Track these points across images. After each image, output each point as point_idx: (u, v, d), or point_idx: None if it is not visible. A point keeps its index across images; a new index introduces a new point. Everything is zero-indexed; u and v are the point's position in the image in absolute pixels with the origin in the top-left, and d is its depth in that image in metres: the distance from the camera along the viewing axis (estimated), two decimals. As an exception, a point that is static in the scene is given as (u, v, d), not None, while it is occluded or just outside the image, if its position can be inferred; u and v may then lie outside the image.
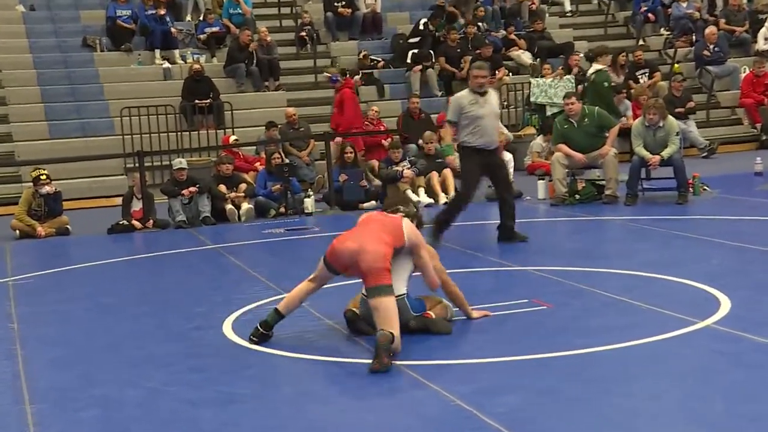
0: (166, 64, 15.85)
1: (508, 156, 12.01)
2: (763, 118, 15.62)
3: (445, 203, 11.59)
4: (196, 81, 14.94)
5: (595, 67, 12.06)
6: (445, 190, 11.79)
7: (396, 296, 5.27)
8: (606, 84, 11.98)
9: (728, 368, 4.54)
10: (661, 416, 3.93)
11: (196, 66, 15.20)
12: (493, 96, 8.55)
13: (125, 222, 10.82)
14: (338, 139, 13.12)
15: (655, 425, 3.83)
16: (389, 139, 13.54)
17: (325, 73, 15.42)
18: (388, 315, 5.01)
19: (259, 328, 5.49)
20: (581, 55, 15.88)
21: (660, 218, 9.39)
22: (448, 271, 5.78)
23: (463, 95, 8.59)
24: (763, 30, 17.54)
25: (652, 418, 3.91)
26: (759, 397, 4.07)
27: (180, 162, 11.53)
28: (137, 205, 11.03)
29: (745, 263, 7.03)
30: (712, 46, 16.76)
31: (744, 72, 16.54)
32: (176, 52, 16.21)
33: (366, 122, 14.37)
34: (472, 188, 8.51)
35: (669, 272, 6.68)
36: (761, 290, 6.09)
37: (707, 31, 16.91)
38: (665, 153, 10.34)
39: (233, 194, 11.46)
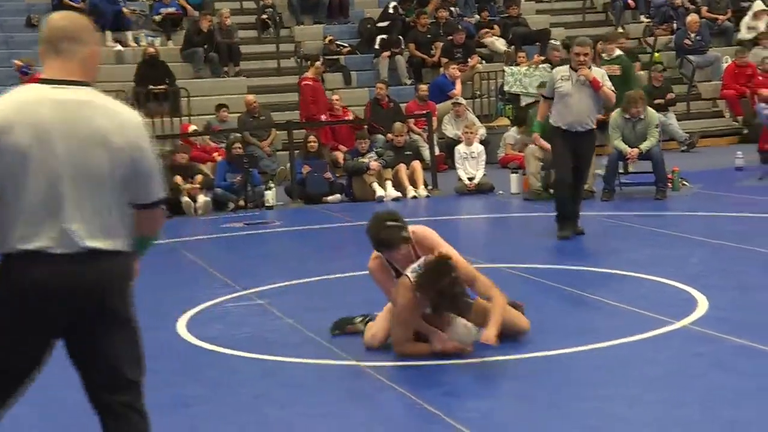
0: (118, 47, 15.70)
1: (479, 148, 12.07)
2: (745, 110, 15.81)
3: (428, 196, 11.60)
4: (150, 65, 14.82)
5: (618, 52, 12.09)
6: (413, 184, 11.80)
7: None
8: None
9: (706, 371, 4.60)
10: (638, 422, 3.97)
11: (151, 49, 15.07)
12: (594, 74, 8.13)
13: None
14: None
15: (629, 431, 3.87)
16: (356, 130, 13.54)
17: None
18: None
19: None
20: (558, 42, 15.98)
21: (638, 214, 9.48)
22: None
23: (559, 69, 8.45)
24: (746, 18, 17.76)
25: (628, 424, 3.95)
26: (737, 401, 4.13)
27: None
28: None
29: (724, 262, 7.12)
30: (693, 35, 16.94)
31: (726, 62, 16.73)
32: (129, 34, 16.06)
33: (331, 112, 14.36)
34: (562, 171, 8.27)
35: (646, 270, 6.75)
36: (741, 290, 6.17)
37: (689, 18, 17.08)
38: (644, 146, 10.43)
39: (189, 186, 11.39)
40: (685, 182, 11.17)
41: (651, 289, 6.32)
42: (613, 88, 8.42)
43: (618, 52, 12.14)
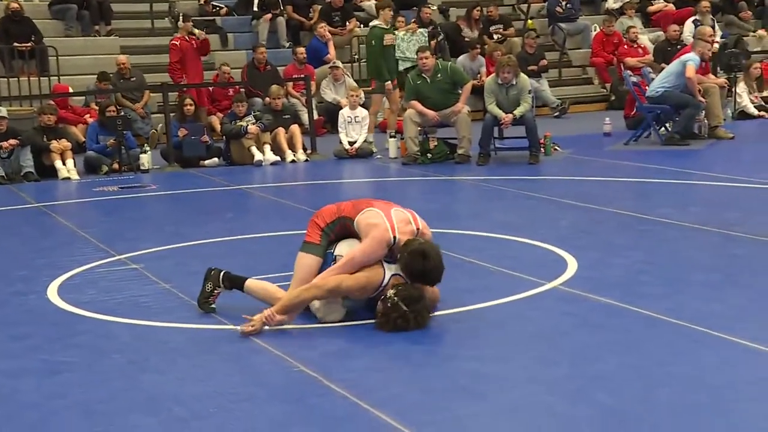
0: (-22, 2, 14.98)
1: (363, 113, 12.08)
2: (612, 78, 16.33)
3: (307, 160, 11.54)
4: (14, 21, 14.21)
5: (375, 22, 12.21)
6: (292, 148, 11.73)
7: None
8: (374, 43, 11.96)
9: (573, 329, 4.76)
10: (508, 380, 4.09)
11: (14, 5, 14.43)
12: None
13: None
14: None
15: (500, 388, 3.98)
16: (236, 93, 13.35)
17: None
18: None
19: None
20: (434, 7, 16.08)
21: (511, 178, 9.70)
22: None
23: None
24: (613, -12, 18.34)
25: (498, 382, 4.06)
26: (601, 357, 4.30)
27: (-1, 110, 11.02)
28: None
29: (592, 224, 7.37)
30: (564, 3, 17.34)
31: (595, 30, 17.21)
32: (-10, -12, 15.33)
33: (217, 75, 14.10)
34: None
35: (518, 233, 6.92)
36: (608, 251, 6.40)
37: (560, -14, 17.46)
38: (518, 111, 10.65)
39: (58, 146, 11.02)
40: (556, 147, 11.47)
41: (523, 251, 6.49)
42: None
43: (376, 22, 12.24)
